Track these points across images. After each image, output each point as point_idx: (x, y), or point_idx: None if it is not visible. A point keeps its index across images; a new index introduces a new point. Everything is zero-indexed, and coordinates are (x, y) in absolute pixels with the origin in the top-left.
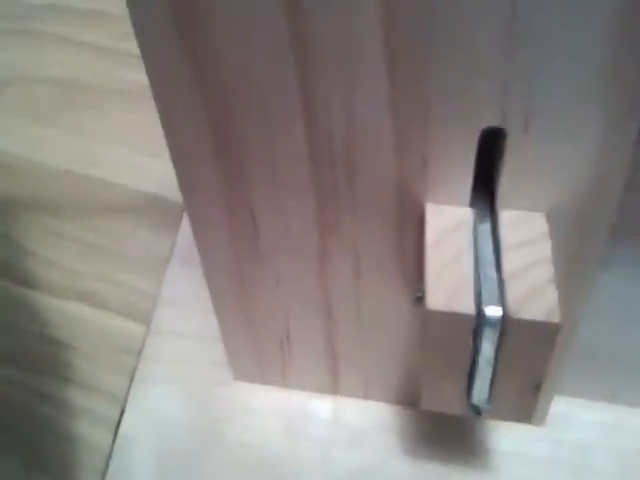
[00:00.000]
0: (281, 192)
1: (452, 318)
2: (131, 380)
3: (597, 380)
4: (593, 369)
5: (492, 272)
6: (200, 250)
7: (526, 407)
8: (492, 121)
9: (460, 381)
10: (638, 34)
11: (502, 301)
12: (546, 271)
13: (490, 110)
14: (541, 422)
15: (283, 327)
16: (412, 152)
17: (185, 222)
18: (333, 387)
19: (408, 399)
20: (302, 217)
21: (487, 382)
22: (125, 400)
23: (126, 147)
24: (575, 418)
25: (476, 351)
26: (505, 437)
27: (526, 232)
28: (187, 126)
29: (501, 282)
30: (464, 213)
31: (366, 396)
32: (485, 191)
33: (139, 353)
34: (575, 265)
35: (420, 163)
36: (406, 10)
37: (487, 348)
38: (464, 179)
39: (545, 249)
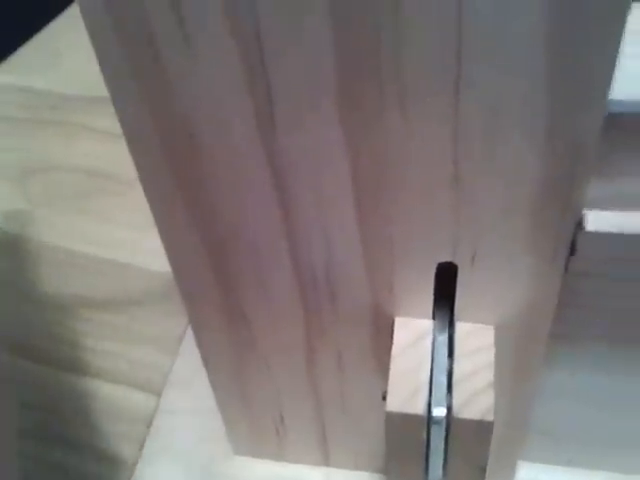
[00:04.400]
0: (274, 308)
1: (406, 418)
2: (140, 451)
3: (556, 449)
4: (551, 441)
5: (443, 377)
6: (199, 345)
7: None
8: (445, 257)
9: (418, 464)
10: (560, 192)
11: (449, 402)
12: (487, 376)
13: (443, 249)
14: None
15: (277, 410)
16: (380, 280)
17: None
18: (325, 460)
19: None
20: (292, 326)
21: (440, 465)
22: (133, 471)
23: (146, 231)
24: None
25: (428, 442)
26: None
27: (476, 342)
28: (187, 256)
29: (450, 386)
30: (426, 325)
31: (356, 467)
32: (446, 305)
33: (149, 426)
34: (522, 365)
35: (387, 288)
36: (372, 175)
37: (436, 441)
38: (425, 300)
39: (489, 357)
